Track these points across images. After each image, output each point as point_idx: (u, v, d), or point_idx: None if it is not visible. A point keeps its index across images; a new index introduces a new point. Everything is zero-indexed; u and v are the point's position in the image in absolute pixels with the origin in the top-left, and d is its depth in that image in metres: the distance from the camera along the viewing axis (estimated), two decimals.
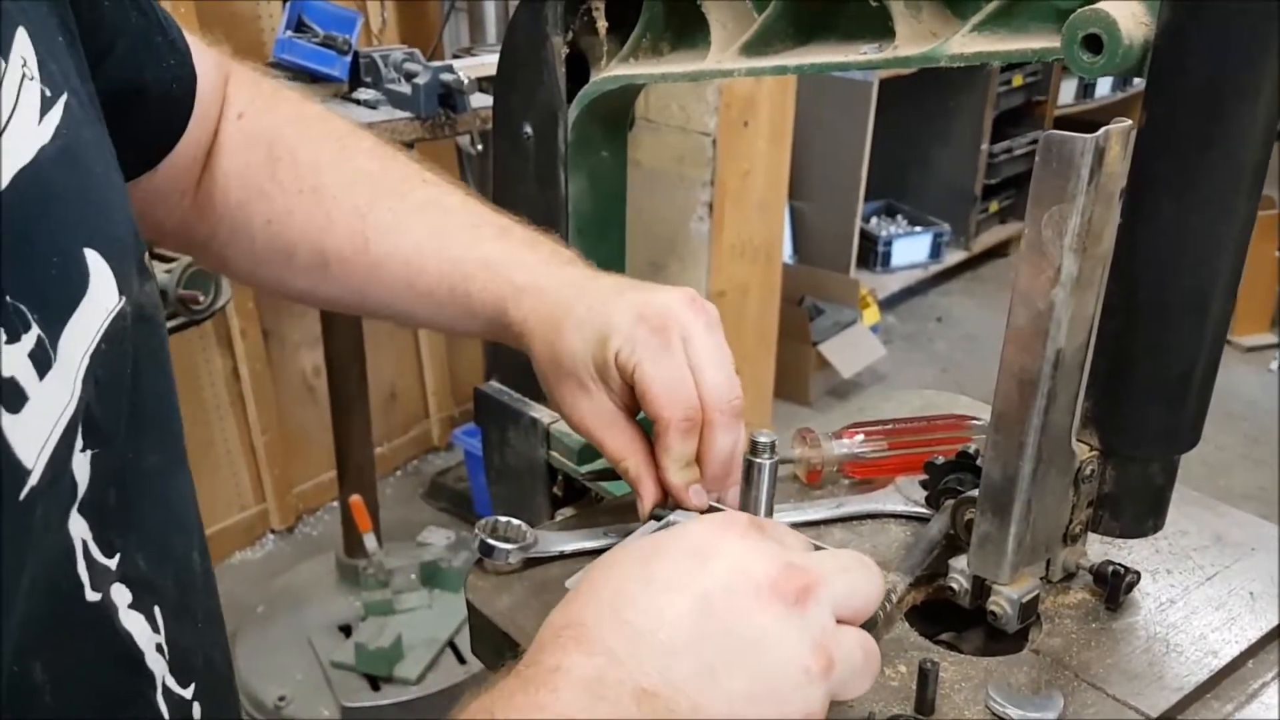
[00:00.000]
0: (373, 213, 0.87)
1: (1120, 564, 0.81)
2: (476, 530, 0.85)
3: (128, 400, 0.60)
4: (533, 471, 1.22)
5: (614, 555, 0.59)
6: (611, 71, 1.07)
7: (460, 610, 2.75)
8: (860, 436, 0.96)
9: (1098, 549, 0.86)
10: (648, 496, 0.79)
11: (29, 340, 0.50)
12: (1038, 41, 0.78)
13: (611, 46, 1.09)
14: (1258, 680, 0.76)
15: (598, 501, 1.15)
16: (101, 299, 0.56)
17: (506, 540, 0.84)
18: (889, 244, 4.77)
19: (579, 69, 1.12)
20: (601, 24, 1.08)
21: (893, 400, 1.13)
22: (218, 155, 0.88)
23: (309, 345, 3.12)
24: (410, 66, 2.31)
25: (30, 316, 0.50)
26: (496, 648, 0.80)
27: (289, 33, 2.16)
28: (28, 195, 0.52)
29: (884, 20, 0.88)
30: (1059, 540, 0.81)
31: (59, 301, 0.53)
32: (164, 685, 0.62)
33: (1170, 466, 0.80)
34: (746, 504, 0.73)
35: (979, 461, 0.87)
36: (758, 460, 0.72)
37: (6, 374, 0.49)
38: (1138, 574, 0.82)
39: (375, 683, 2.58)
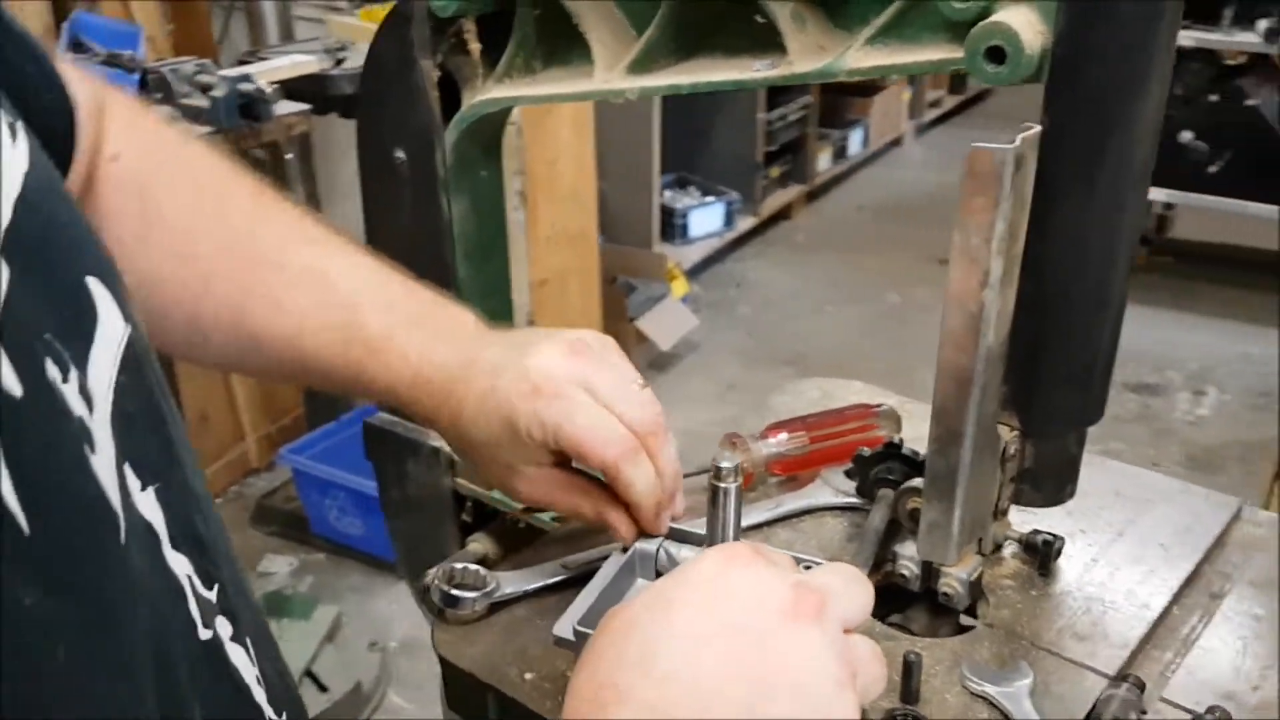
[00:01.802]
0: (251, 284, 0.82)
1: (1047, 532, 0.88)
2: (432, 581, 0.83)
3: (167, 430, 0.56)
4: (438, 501, 1.20)
5: (627, 612, 0.59)
6: (489, 94, 1.05)
7: (314, 636, 2.67)
8: (784, 435, 0.99)
9: (1015, 518, 0.92)
10: (624, 529, 0.80)
11: (74, 379, 0.46)
12: (934, 53, 0.82)
13: (484, 67, 1.07)
14: (1186, 625, 0.84)
15: (514, 525, 1.14)
16: (112, 329, 0.52)
17: (465, 587, 0.83)
18: (685, 216, 4.87)
19: (447, 88, 1.10)
20: (474, 45, 1.06)
21: (788, 393, 1.17)
22: (94, 197, 0.80)
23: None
24: (204, 79, 2.19)
25: (65, 354, 0.46)
26: (477, 701, 0.79)
27: (69, 55, 2.00)
28: (31, 224, 0.47)
29: (771, 35, 0.90)
30: (990, 517, 0.87)
31: (80, 336, 0.49)
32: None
33: (1081, 437, 0.87)
34: (714, 528, 0.74)
35: (905, 450, 0.92)
36: (723, 485, 0.73)
37: (76, 413, 0.45)
38: (1062, 539, 0.88)
39: None
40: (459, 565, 0.84)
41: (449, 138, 1.08)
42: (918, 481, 0.86)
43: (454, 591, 0.82)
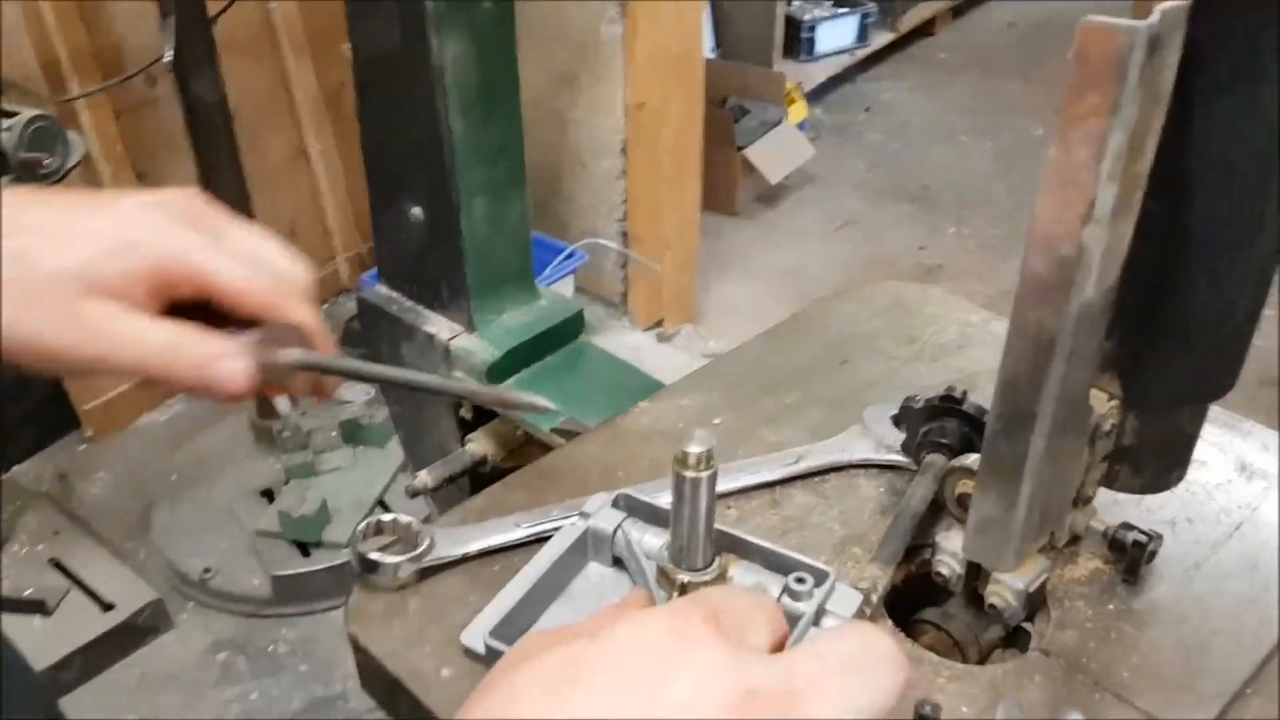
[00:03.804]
0: None
1: (1141, 530, 0.67)
2: (355, 538, 0.68)
3: None
4: (434, 394, 1.05)
5: (535, 663, 0.43)
6: None
7: (388, 466, 2.62)
8: None
9: (1103, 498, 0.72)
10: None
11: None
12: None
13: None
14: None
15: (514, 427, 0.99)
16: None
17: (394, 546, 0.68)
18: (813, 29, 4.47)
19: None
20: None
21: (854, 300, 0.96)
22: None
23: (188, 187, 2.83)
24: None
25: None
26: (390, 692, 0.65)
27: None
28: None
29: None
30: (1069, 507, 0.67)
31: None
32: None
33: (1200, 413, 0.66)
34: (681, 525, 0.57)
35: (967, 406, 0.72)
36: (689, 474, 0.55)
37: None
38: (1160, 537, 0.68)
39: (305, 548, 2.47)
40: (387, 516, 0.69)
41: None
42: (972, 459, 0.66)
43: (374, 556, 0.67)
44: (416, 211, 0.98)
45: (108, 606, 2.19)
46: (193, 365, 0.59)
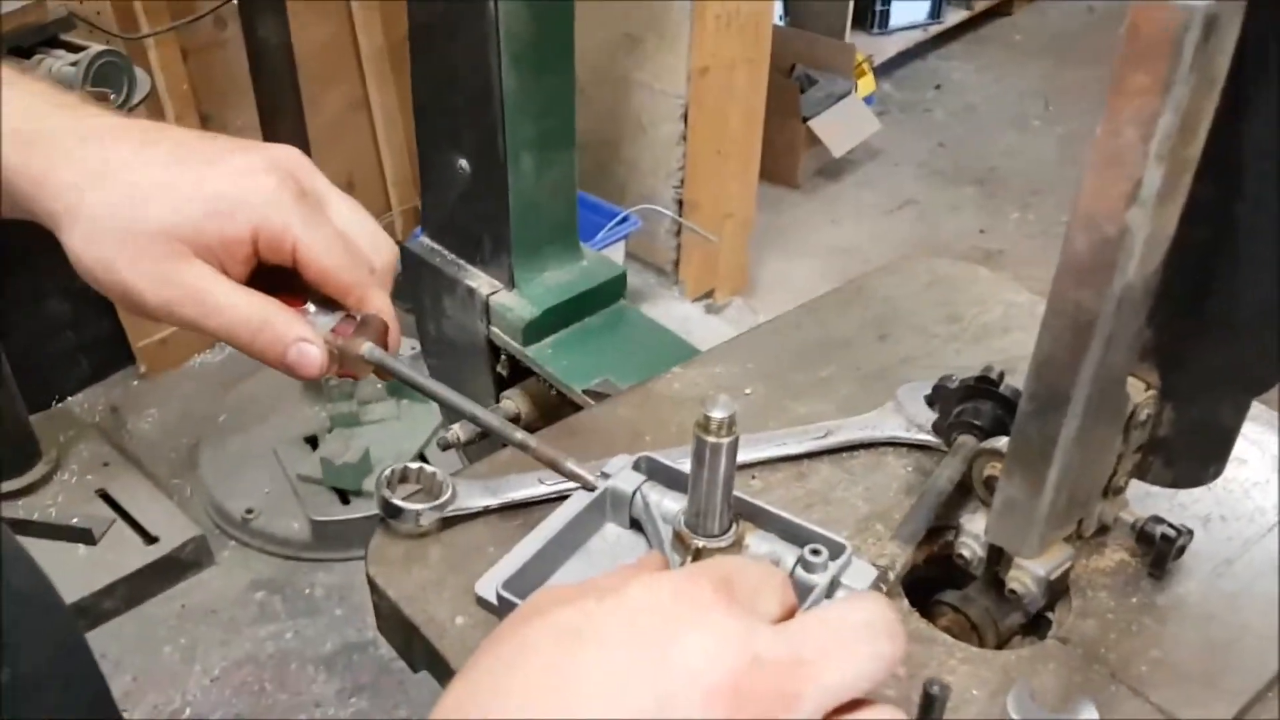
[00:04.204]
0: None
1: (1170, 524, 0.66)
2: (379, 484, 0.69)
3: None
4: (473, 347, 1.05)
5: (539, 622, 0.44)
6: None
7: (430, 421, 2.65)
8: None
9: (1135, 488, 0.70)
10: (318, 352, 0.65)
11: None
12: None
13: None
14: None
15: (548, 388, 0.99)
16: None
17: (418, 494, 0.69)
18: (888, 2, 4.40)
19: None
20: None
21: (898, 275, 0.95)
22: None
23: (251, 130, 2.86)
24: None
25: None
26: (406, 636, 0.66)
27: None
28: None
29: None
30: (1098, 496, 0.66)
31: None
32: None
33: (1242, 407, 0.64)
34: (699, 490, 0.56)
35: (1003, 389, 0.71)
36: (711, 439, 0.54)
37: None
38: (1190, 533, 0.67)
39: (345, 496, 2.50)
40: (413, 465, 0.70)
41: None
42: (1002, 442, 0.65)
43: (397, 501, 0.67)
44: (463, 164, 0.98)
45: (152, 539, 2.24)
46: (274, 343, 0.63)
